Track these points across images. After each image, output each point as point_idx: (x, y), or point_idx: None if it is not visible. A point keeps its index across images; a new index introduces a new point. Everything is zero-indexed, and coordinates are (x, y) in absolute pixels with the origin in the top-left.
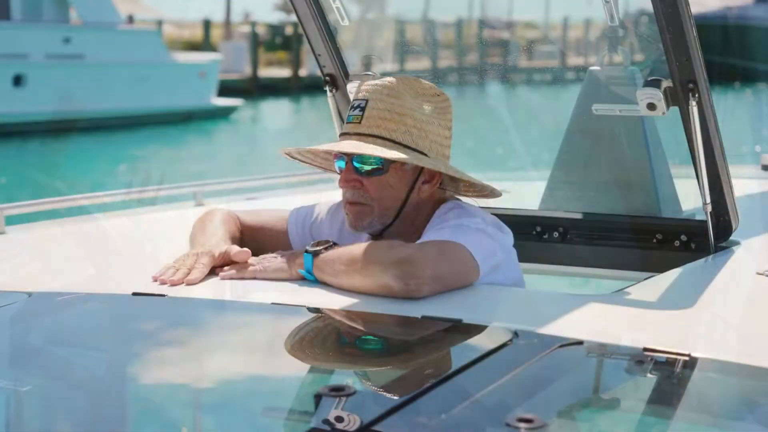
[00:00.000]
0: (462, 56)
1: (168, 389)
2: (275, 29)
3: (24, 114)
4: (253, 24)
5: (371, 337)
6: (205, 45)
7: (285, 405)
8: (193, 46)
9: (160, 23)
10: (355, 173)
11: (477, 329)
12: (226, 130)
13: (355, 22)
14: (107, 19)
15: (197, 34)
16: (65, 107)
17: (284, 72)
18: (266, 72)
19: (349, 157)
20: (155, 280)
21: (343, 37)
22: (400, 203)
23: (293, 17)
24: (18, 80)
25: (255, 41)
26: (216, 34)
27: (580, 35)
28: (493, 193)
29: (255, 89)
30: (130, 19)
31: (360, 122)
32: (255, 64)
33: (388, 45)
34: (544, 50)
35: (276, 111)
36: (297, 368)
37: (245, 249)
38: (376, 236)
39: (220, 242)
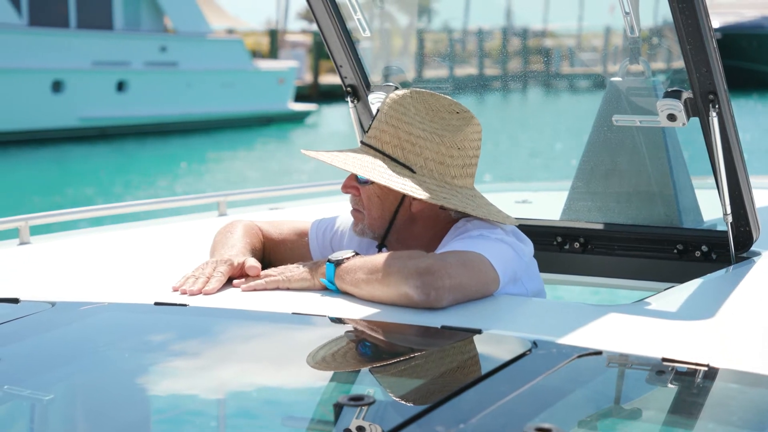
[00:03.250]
0: (504, 64)
1: (189, 398)
2: None
3: (126, 117)
4: (316, 33)
5: (392, 347)
6: (271, 53)
7: (306, 414)
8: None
9: (231, 31)
10: (354, 180)
11: (496, 339)
12: (303, 133)
13: (403, 30)
14: (198, 29)
15: (252, 42)
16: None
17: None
18: (324, 79)
19: None
20: (175, 290)
21: (394, 45)
22: (388, 215)
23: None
24: (120, 86)
25: (317, 49)
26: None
27: (620, 43)
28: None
29: (316, 95)
30: None
31: (367, 131)
32: (316, 72)
33: (434, 53)
34: (581, 58)
35: (342, 115)
36: (318, 378)
37: (256, 264)
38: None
39: (239, 253)
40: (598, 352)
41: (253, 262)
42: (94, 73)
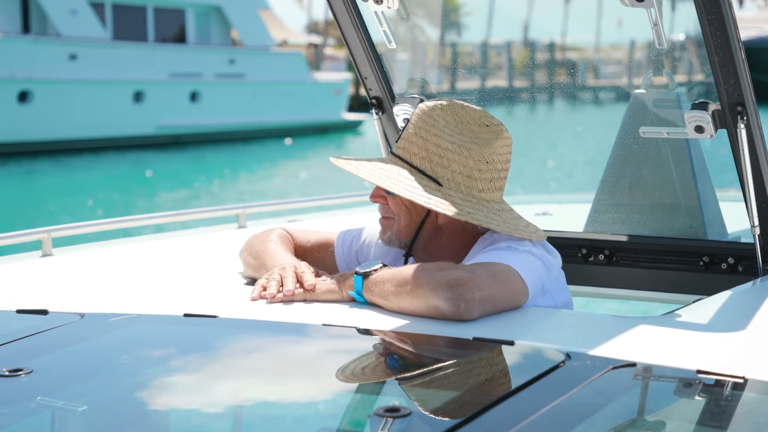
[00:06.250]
0: (531, 77)
1: (220, 410)
2: None
3: (198, 126)
4: None
5: (423, 359)
6: (315, 65)
7: (336, 426)
8: None
9: (279, 45)
10: (383, 190)
11: (529, 351)
12: (357, 141)
13: (434, 43)
14: (263, 42)
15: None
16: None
17: None
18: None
19: None
20: (255, 299)
21: (430, 56)
22: (415, 225)
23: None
24: (193, 96)
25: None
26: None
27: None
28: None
29: (357, 106)
30: None
31: (397, 142)
32: (357, 84)
33: (460, 64)
34: (608, 71)
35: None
36: (348, 389)
37: (312, 281)
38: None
39: (299, 261)
40: (632, 364)
41: (310, 278)
42: (171, 84)
